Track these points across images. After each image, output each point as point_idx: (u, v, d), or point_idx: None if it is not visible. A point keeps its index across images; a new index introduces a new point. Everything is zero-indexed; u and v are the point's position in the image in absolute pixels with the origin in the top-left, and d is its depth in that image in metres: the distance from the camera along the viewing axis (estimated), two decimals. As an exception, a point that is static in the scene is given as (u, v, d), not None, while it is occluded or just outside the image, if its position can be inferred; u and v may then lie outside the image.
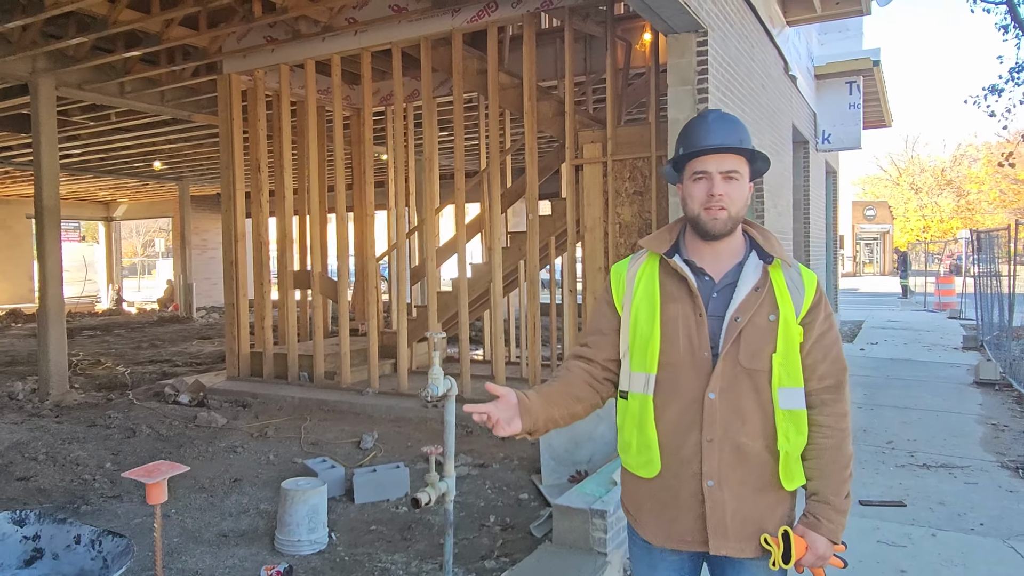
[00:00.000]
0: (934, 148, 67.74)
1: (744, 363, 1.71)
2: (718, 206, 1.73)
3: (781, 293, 1.75)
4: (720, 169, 1.74)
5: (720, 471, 1.71)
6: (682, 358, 1.74)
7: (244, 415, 7.35)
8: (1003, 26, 7.75)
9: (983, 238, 11.64)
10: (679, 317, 1.75)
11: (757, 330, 1.72)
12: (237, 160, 8.37)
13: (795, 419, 1.75)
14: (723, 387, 1.71)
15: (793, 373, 1.74)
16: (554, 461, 5.07)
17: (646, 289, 1.81)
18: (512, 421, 1.79)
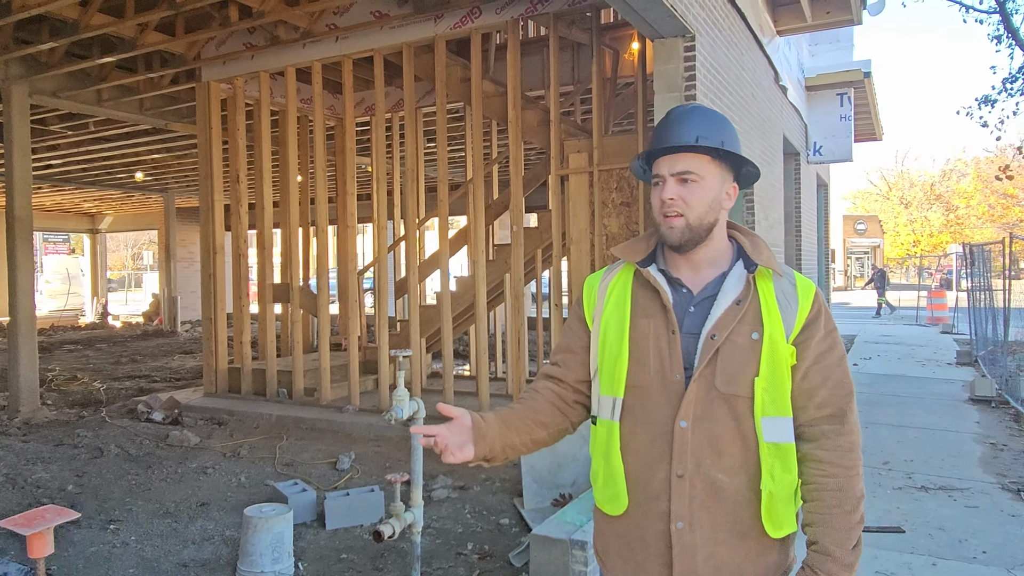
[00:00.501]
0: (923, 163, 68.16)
1: (721, 387, 1.49)
2: (672, 212, 1.52)
3: (768, 307, 1.51)
4: (672, 171, 1.54)
5: (691, 511, 1.49)
6: (652, 380, 1.53)
7: (219, 433, 7.09)
8: (996, 36, 7.67)
9: (976, 252, 11.52)
10: (650, 334, 1.55)
11: (736, 350, 1.49)
12: (216, 171, 8.16)
13: (781, 454, 1.51)
14: (697, 415, 1.49)
15: (780, 401, 1.50)
16: (536, 484, 4.83)
17: (617, 302, 1.61)
18: (464, 447, 1.58)
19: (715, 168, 1.56)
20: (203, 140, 8.16)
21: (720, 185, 1.57)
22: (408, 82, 7.01)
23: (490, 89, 6.94)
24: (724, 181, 1.58)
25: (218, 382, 8.25)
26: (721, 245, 1.60)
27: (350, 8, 6.95)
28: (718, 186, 1.56)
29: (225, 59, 7.83)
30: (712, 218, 1.55)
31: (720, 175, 1.57)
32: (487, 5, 6.38)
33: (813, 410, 1.53)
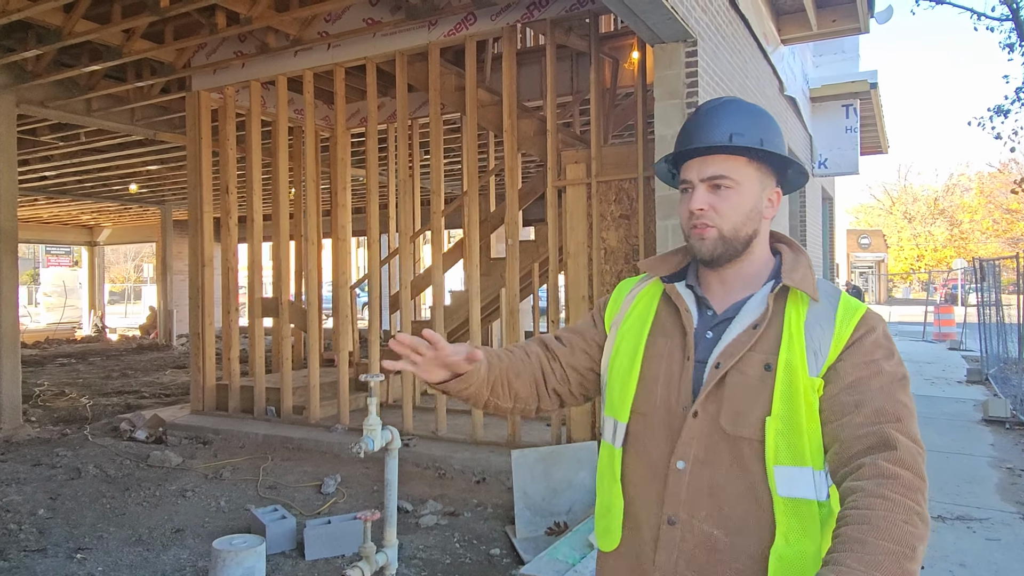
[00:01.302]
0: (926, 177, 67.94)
1: (726, 427, 1.26)
2: (701, 223, 1.32)
3: (791, 333, 1.26)
4: (702, 176, 1.32)
5: (677, 567, 1.27)
6: (656, 409, 1.33)
7: (202, 453, 6.84)
8: (1008, 44, 7.45)
9: (986, 267, 11.26)
10: (664, 356, 1.35)
11: (745, 382, 1.26)
12: (205, 182, 7.95)
13: (800, 513, 1.22)
14: (698, 456, 1.27)
15: (796, 447, 1.22)
16: (529, 511, 4.57)
17: (640, 315, 1.42)
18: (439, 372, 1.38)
19: (753, 171, 1.33)
20: (192, 151, 7.96)
21: (760, 191, 1.34)
22: (401, 91, 6.81)
23: (485, 98, 6.74)
24: (765, 186, 1.35)
25: (205, 399, 8.00)
26: (760, 261, 1.37)
27: (342, 15, 6.76)
28: (757, 192, 1.34)
29: (215, 68, 7.64)
30: (750, 229, 1.33)
31: (760, 179, 1.34)
32: (482, 11, 6.19)
33: (848, 444, 1.19)
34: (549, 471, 4.61)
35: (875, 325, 1.28)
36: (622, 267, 5.75)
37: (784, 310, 1.29)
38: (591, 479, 4.72)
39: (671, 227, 4.93)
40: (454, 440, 6.55)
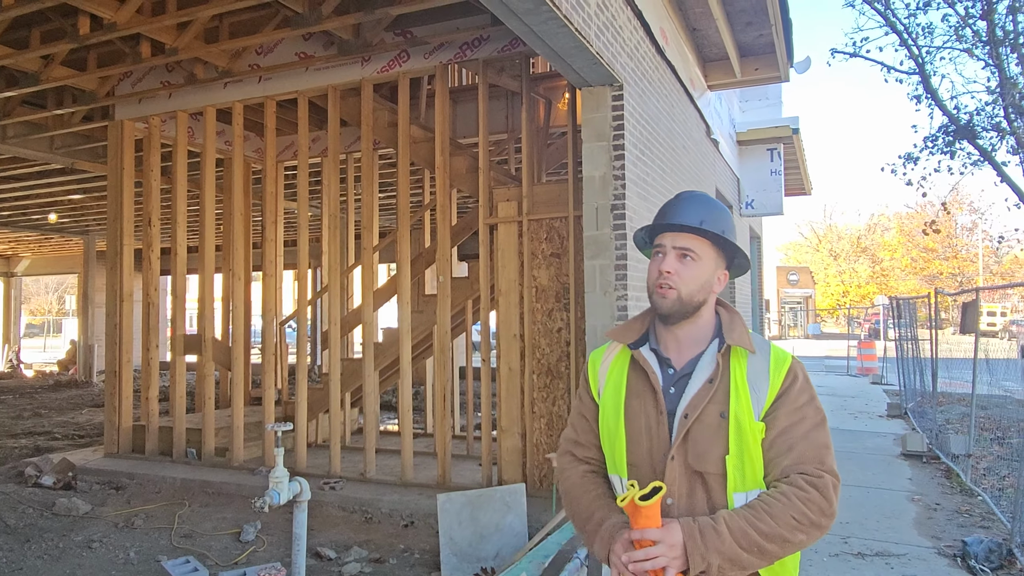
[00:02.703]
0: (850, 216, 71.23)
1: (693, 464, 1.56)
2: (667, 284, 1.63)
3: (736, 387, 1.58)
4: (675, 244, 1.65)
5: None
6: (643, 460, 1.61)
7: (114, 500, 6.46)
8: (916, 96, 7.90)
9: (902, 304, 11.77)
10: (641, 415, 1.63)
11: (706, 429, 1.57)
12: (127, 213, 7.65)
13: None
14: (681, 491, 1.56)
15: (751, 475, 1.55)
16: (456, 557, 4.45)
17: (615, 383, 1.70)
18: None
19: (712, 252, 1.67)
20: (114, 181, 7.67)
21: (714, 269, 1.67)
22: (333, 125, 6.74)
23: (419, 135, 6.72)
24: (718, 266, 1.69)
25: (120, 441, 7.60)
26: (707, 324, 1.68)
27: (274, 48, 6.68)
28: (711, 269, 1.67)
29: (140, 97, 7.42)
30: (702, 297, 1.64)
31: (715, 260, 1.68)
32: (415, 49, 6.20)
33: (773, 477, 1.55)
34: (476, 515, 4.52)
35: (798, 373, 1.61)
36: (552, 305, 5.76)
37: (730, 365, 1.60)
38: (519, 523, 4.64)
39: (598, 267, 4.98)
40: (383, 482, 6.37)
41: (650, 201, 5.64)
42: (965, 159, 7.92)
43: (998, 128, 7.58)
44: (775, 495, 1.50)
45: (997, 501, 5.83)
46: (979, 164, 7.86)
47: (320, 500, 6.09)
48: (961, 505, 5.98)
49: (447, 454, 6.16)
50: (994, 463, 7.28)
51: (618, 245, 4.96)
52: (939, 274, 40.20)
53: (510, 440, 5.84)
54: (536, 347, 5.79)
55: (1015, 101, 7.20)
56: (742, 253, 1.71)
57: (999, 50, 7.26)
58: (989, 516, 5.64)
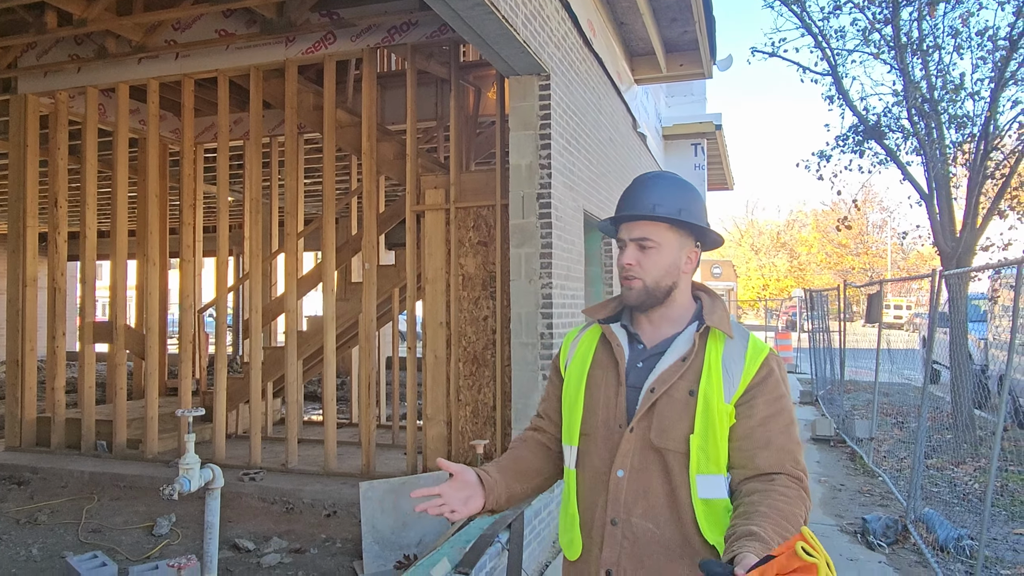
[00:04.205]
0: (770, 213, 73.93)
1: (655, 440, 1.53)
2: (631, 275, 1.60)
3: (709, 367, 1.55)
4: (631, 236, 1.61)
5: (619, 559, 1.52)
6: (597, 429, 1.60)
7: (16, 495, 6.13)
8: (828, 96, 8.26)
9: (815, 297, 12.32)
10: (601, 385, 1.62)
11: (672, 404, 1.54)
12: (30, 193, 7.22)
13: (712, 511, 1.50)
14: (634, 465, 1.54)
15: (715, 458, 1.51)
16: (378, 545, 4.42)
17: (581, 355, 1.70)
18: (469, 500, 1.59)
19: (673, 235, 1.61)
20: (16, 158, 7.22)
21: (678, 251, 1.61)
22: (255, 107, 6.54)
23: (345, 119, 6.60)
24: (683, 246, 1.62)
25: (23, 434, 7.19)
26: (682, 306, 1.65)
27: (192, 24, 6.42)
28: (675, 252, 1.61)
29: (46, 71, 7.01)
30: (669, 281, 1.60)
31: (679, 241, 1.62)
32: (342, 31, 6.08)
33: (751, 471, 1.50)
34: (399, 503, 4.50)
35: (774, 365, 1.57)
36: (479, 293, 5.77)
37: (706, 346, 1.57)
38: (443, 509, 4.65)
39: (524, 255, 5.01)
40: (305, 472, 6.26)
41: (576, 191, 5.71)
42: (873, 158, 8.35)
43: (903, 129, 8.01)
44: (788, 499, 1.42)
45: (895, 481, 6.20)
46: (885, 163, 8.30)
47: (239, 491, 5.94)
48: (863, 486, 6.32)
49: (371, 443, 6.10)
50: (894, 446, 7.74)
51: (543, 233, 5.01)
52: (851, 269, 42.23)
53: (436, 428, 5.83)
54: (463, 335, 5.79)
55: (918, 104, 7.61)
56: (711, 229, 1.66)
57: (904, 55, 7.66)
58: (888, 496, 5.99)
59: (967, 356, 7.39)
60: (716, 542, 1.47)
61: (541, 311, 5.00)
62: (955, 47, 7.78)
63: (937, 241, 7.79)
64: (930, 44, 7.72)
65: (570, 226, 5.53)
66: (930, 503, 5.52)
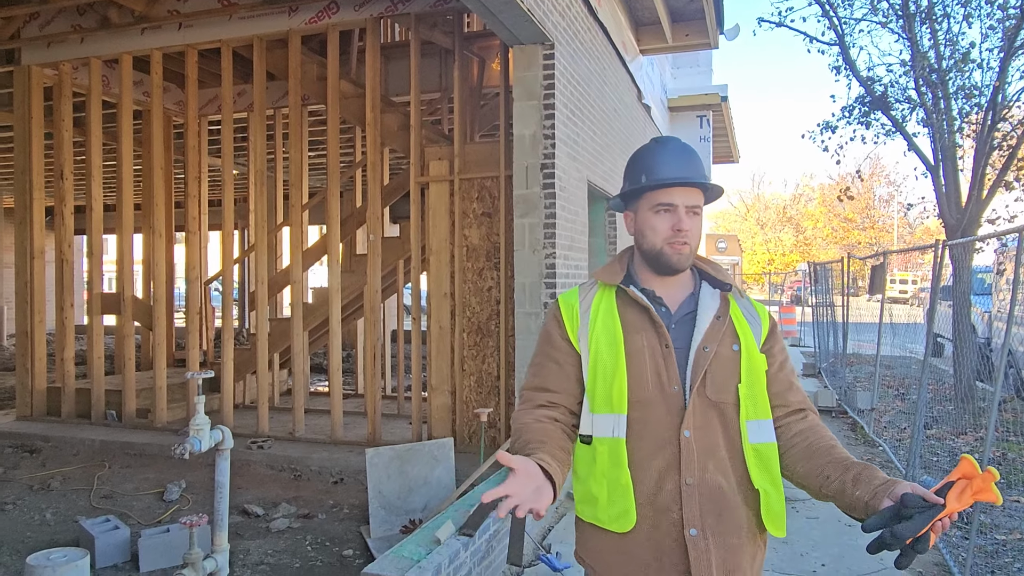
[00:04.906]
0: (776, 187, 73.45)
1: (711, 396, 1.59)
2: (682, 241, 1.63)
3: (739, 322, 1.66)
4: (687, 203, 1.65)
5: (702, 517, 1.55)
6: (651, 395, 1.59)
7: (28, 463, 6.24)
8: (835, 67, 8.17)
9: (819, 270, 12.32)
10: (644, 349, 1.61)
11: (722, 361, 1.61)
12: (36, 166, 7.25)
13: (761, 454, 1.59)
14: (697, 424, 1.57)
15: (760, 404, 1.62)
16: (384, 510, 4.51)
17: (605, 322, 1.66)
18: (541, 492, 1.43)
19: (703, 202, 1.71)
20: (21, 131, 7.24)
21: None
22: (259, 77, 6.52)
23: (349, 90, 6.58)
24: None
25: (34, 404, 7.30)
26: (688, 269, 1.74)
27: (195, -6, 6.39)
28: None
29: (49, 41, 7.00)
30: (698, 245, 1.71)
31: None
32: (345, 1, 6.04)
33: (784, 408, 1.65)
34: (405, 469, 4.57)
35: (775, 319, 1.74)
36: (483, 264, 5.80)
37: (728, 305, 1.67)
38: (448, 476, 4.73)
39: (528, 225, 5.03)
40: (312, 441, 6.35)
41: (580, 162, 5.71)
42: (879, 129, 8.28)
43: (909, 100, 7.94)
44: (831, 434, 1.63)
45: (895, 451, 6.26)
46: (892, 135, 8.24)
47: (248, 459, 6.05)
48: (864, 455, 6.39)
49: (377, 412, 6.18)
50: (895, 417, 7.79)
51: (547, 204, 5.02)
52: (858, 243, 42.05)
53: (440, 398, 5.90)
54: (467, 306, 5.83)
55: (926, 74, 7.54)
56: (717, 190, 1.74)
57: (912, 24, 7.56)
58: (887, 464, 6.05)
59: (970, 328, 7.41)
60: (761, 486, 1.56)
61: (545, 281, 5.03)
62: (964, 16, 7.68)
63: (942, 213, 7.76)
64: (939, 12, 7.63)
65: (574, 197, 5.54)
66: (929, 472, 5.58)
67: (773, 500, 1.58)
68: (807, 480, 1.56)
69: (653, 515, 1.56)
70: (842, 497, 1.47)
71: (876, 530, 1.30)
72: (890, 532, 1.27)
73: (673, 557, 1.55)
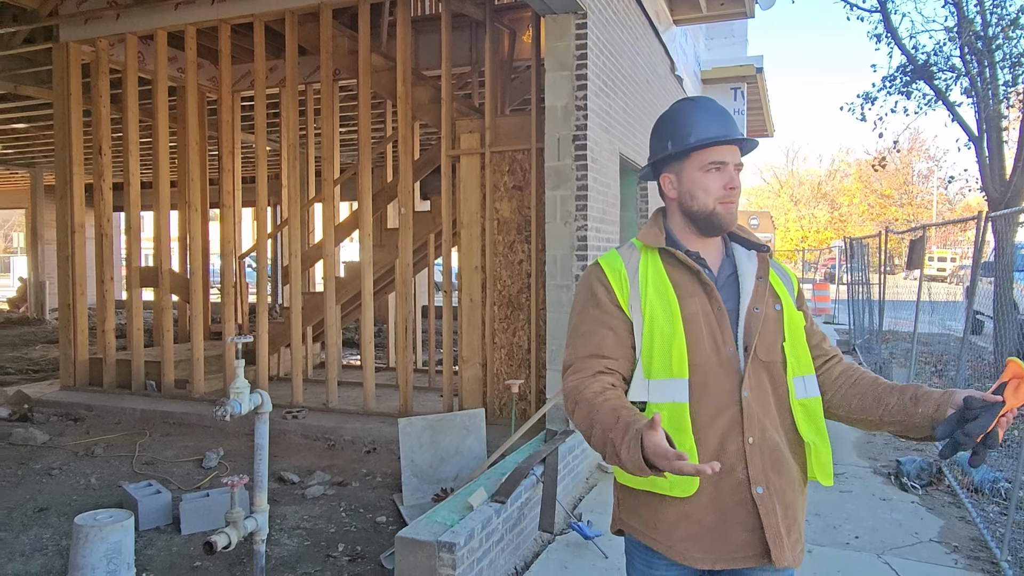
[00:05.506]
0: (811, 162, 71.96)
1: (762, 356, 1.62)
2: (732, 199, 1.66)
3: (776, 282, 1.70)
4: (735, 160, 1.67)
5: (766, 475, 1.58)
6: (708, 358, 1.60)
7: (73, 430, 6.44)
8: (876, 35, 7.93)
9: (855, 246, 12.08)
10: (699, 313, 1.62)
11: (769, 320, 1.64)
12: (75, 142, 7.39)
13: (808, 409, 1.65)
14: (752, 384, 1.60)
15: (803, 361, 1.67)
16: (417, 479, 4.58)
17: (656, 286, 1.65)
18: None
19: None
20: (60, 107, 7.37)
21: None
22: (291, 52, 6.54)
23: (380, 64, 6.57)
24: None
25: (77, 374, 7.52)
26: None
27: (227, -32, 6.41)
28: None
29: (87, 18, 7.09)
30: None
31: None
32: (375, -27, 6.01)
33: (824, 357, 1.73)
34: (437, 438, 4.63)
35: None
36: (514, 237, 5.79)
37: (767, 266, 1.70)
38: (479, 446, 4.77)
39: (559, 197, 5.01)
40: (345, 411, 6.45)
41: (612, 133, 5.65)
42: (921, 99, 8.05)
43: (953, 68, 7.70)
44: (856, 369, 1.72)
45: (932, 427, 6.16)
46: (933, 105, 8.01)
47: (283, 428, 6.17)
48: (899, 431, 6.30)
49: (408, 384, 6.24)
50: (932, 394, 7.65)
51: (579, 176, 4.98)
52: (894, 220, 41.11)
53: (471, 370, 5.94)
54: (497, 279, 5.84)
55: (971, 41, 7.29)
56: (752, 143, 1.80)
57: (959, -13, 7.32)
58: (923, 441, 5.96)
59: (1012, 304, 7.22)
60: (811, 440, 1.62)
61: (576, 253, 5.01)
62: (1013, -20, 7.40)
63: (985, 186, 7.55)
64: (987, -24, 7.36)
65: (606, 168, 5.49)
66: (967, 448, 5.49)
67: (822, 452, 1.63)
68: (865, 412, 1.63)
69: (716, 476, 1.55)
70: (905, 418, 1.55)
71: (948, 436, 1.40)
72: (962, 432, 1.37)
73: (737, 516, 1.57)
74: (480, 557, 3.11)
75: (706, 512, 1.58)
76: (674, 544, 1.61)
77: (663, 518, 1.61)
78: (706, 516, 1.58)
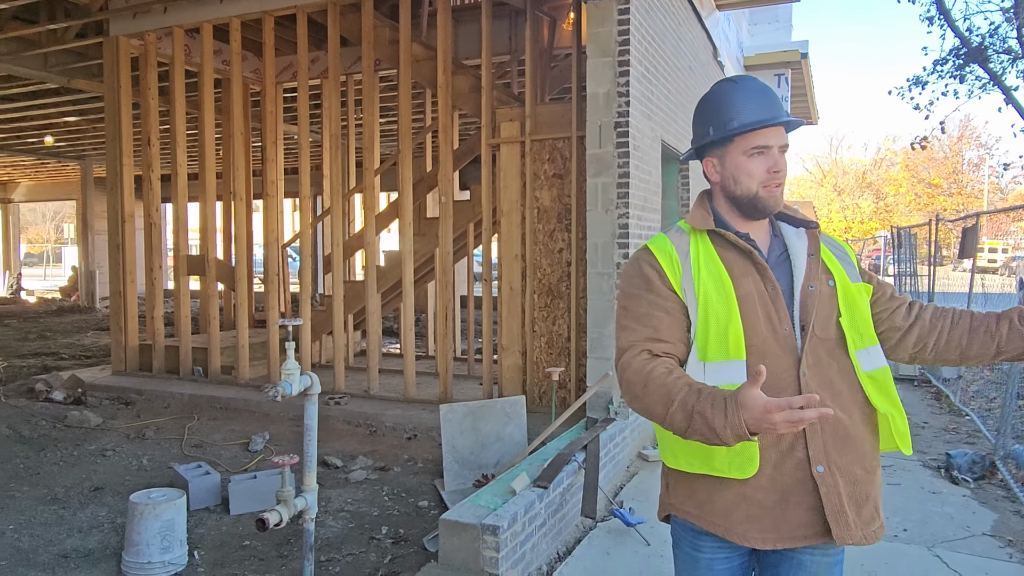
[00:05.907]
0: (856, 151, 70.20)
1: (819, 333, 1.61)
2: (778, 183, 1.64)
3: (828, 258, 1.69)
4: (780, 143, 1.64)
5: (827, 453, 1.56)
6: (765, 338, 1.59)
7: (124, 414, 6.64)
8: (928, 17, 7.70)
9: (903, 236, 11.78)
10: (753, 293, 1.61)
11: (823, 298, 1.63)
12: (125, 133, 7.58)
13: (877, 380, 1.63)
14: (811, 362, 1.59)
15: (866, 333, 1.65)
16: (458, 464, 4.62)
17: (709, 268, 1.63)
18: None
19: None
20: (110, 100, 7.57)
21: None
22: (333, 43, 6.61)
23: (420, 53, 6.60)
24: None
25: (127, 360, 7.74)
26: None
27: (270, -40, 6.49)
28: None
29: (135, 12, 7.25)
30: None
31: None
32: (416, -38, 6.03)
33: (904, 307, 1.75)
34: (478, 425, 4.66)
35: None
36: (554, 226, 5.78)
37: (818, 243, 1.69)
38: (520, 433, 4.79)
39: (601, 185, 4.98)
40: (386, 398, 6.53)
41: (653, 120, 5.59)
42: (974, 84, 7.79)
43: (1010, 51, 7.43)
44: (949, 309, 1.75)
45: (984, 420, 5.99)
46: (986, 88, 7.74)
47: (326, 414, 6.27)
48: (948, 424, 6.15)
49: (448, 372, 6.29)
50: (984, 387, 7.45)
51: (620, 163, 4.95)
52: (943, 210, 39.96)
53: (511, 358, 5.96)
54: (537, 267, 5.85)
55: (1029, 22, 7.03)
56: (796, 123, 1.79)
57: (1016, -33, 7.05)
58: (975, 434, 5.81)
59: (1069, 295, 6.96)
60: (885, 411, 1.61)
61: (618, 241, 4.98)
62: (1075, -42, 7.11)
63: (1042, 173, 7.28)
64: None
65: (647, 156, 5.44)
66: (1021, 441, 5.33)
67: (898, 421, 1.62)
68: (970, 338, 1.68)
69: (776, 457, 1.56)
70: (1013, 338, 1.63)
71: None
72: None
73: (798, 495, 1.56)
74: (523, 541, 3.13)
75: (766, 493, 1.57)
76: (732, 526, 1.60)
77: (721, 500, 1.60)
78: (766, 497, 1.57)
